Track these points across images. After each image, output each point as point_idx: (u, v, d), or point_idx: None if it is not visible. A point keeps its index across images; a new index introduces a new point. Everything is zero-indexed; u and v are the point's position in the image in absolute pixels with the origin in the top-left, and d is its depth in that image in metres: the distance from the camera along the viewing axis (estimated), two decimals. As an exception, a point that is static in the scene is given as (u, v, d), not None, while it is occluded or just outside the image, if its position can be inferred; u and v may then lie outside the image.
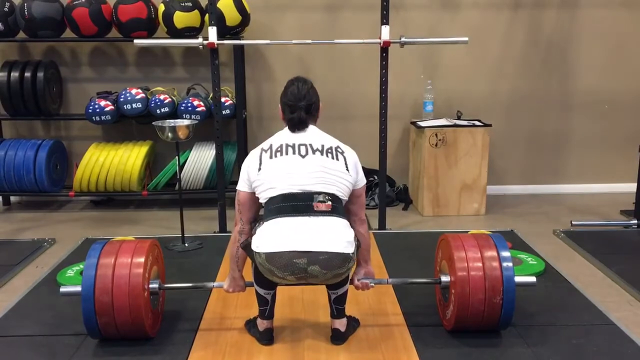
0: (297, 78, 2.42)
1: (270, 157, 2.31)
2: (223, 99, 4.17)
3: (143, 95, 4.21)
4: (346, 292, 2.40)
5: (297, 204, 2.21)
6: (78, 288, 2.36)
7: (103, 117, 4.16)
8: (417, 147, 4.42)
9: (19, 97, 4.18)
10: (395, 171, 4.74)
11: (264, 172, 2.28)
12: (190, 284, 2.67)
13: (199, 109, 4.17)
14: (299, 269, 2.13)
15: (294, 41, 3.70)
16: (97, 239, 3.72)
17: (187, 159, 4.31)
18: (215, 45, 3.62)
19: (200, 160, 4.33)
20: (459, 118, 4.48)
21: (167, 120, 3.52)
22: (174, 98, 4.27)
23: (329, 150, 2.33)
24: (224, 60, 4.48)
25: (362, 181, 2.42)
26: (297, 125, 2.36)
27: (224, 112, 4.12)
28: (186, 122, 3.54)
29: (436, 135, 4.19)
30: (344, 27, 4.51)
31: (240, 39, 4.25)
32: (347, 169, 2.32)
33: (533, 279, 2.42)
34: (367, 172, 4.57)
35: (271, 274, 2.19)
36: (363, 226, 2.43)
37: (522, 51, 4.66)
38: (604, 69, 4.69)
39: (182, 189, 3.80)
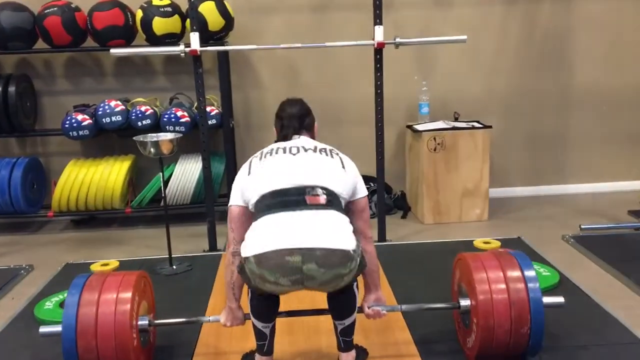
0: (290, 98, 2.38)
1: (260, 159, 2.17)
2: (208, 108, 3.93)
3: (123, 107, 3.96)
4: (354, 322, 2.17)
5: (288, 198, 2.01)
6: (58, 328, 2.12)
7: (81, 132, 3.91)
8: (415, 151, 4.21)
9: (-10, 113, 3.91)
10: (392, 177, 4.52)
11: (254, 174, 2.12)
12: (183, 320, 2.42)
13: (182, 120, 3.93)
14: (293, 269, 1.89)
15: (281, 45, 3.47)
16: (78, 263, 3.51)
17: (172, 173, 4.07)
18: (198, 53, 3.38)
19: (186, 173, 4.09)
20: (456, 120, 4.28)
21: (149, 135, 3.28)
22: (156, 109, 4.03)
23: (323, 150, 2.18)
24: (208, 67, 4.24)
25: (363, 191, 2.21)
26: (289, 135, 2.25)
27: (209, 122, 3.89)
28: (169, 135, 3.29)
29: (434, 139, 3.99)
30: (334, 28, 4.29)
31: (224, 44, 4.02)
32: (344, 168, 2.14)
33: (561, 299, 2.21)
34: (364, 179, 4.42)
35: (262, 281, 1.95)
36: (370, 245, 2.22)
37: (518, 47, 4.46)
38: (603, 63, 4.50)
39: (167, 205, 3.56)
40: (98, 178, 4.01)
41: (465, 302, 2.25)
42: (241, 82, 4.37)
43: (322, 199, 2.01)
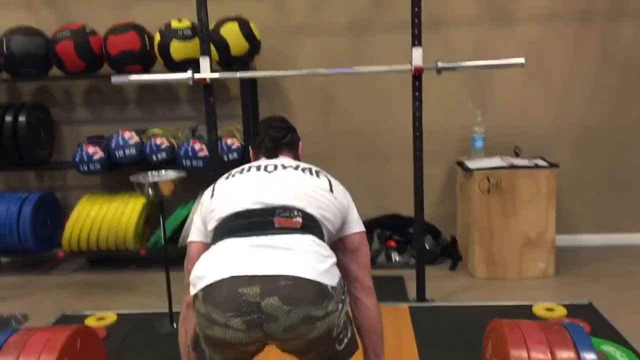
0: (271, 115, 2.05)
1: (227, 179, 1.73)
2: (229, 141, 3.53)
3: (137, 139, 3.61)
4: None
5: (252, 220, 1.55)
6: None
7: (91, 167, 3.58)
8: (465, 192, 3.62)
9: (-2, 145, 3.65)
10: (441, 219, 3.94)
11: (217, 196, 1.68)
12: None
13: (200, 154, 3.53)
14: (249, 305, 1.40)
15: (303, 71, 3.01)
16: (75, 315, 3.14)
17: (189, 212, 3.66)
18: (208, 81, 2.97)
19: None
20: (517, 155, 3.66)
21: (150, 173, 2.89)
22: (173, 141, 3.65)
23: (307, 169, 1.73)
24: (235, 95, 3.84)
25: (358, 225, 1.76)
26: (267, 148, 1.85)
27: (229, 156, 3.49)
28: (172, 175, 2.88)
29: (488, 179, 3.39)
30: (374, 50, 3.79)
31: (251, 69, 3.60)
32: (332, 191, 1.68)
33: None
34: (407, 221, 3.91)
35: (210, 327, 1.43)
36: (370, 298, 1.74)
37: (594, 71, 3.80)
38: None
39: (181, 248, 3.14)
40: (110, 216, 3.67)
41: None
42: (270, 109, 3.89)
43: (296, 222, 1.55)
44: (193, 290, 1.51)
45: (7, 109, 3.66)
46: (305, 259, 1.48)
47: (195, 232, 1.74)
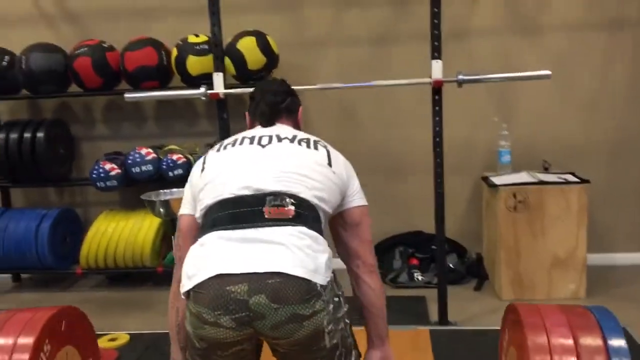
0: (269, 79, 1.89)
1: (218, 151, 1.63)
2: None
3: (154, 155, 3.56)
4: None
5: (240, 211, 1.46)
6: None
7: (108, 183, 3.54)
8: (491, 209, 3.48)
9: (17, 161, 3.63)
10: (467, 237, 3.80)
11: (207, 173, 1.58)
12: None
13: (217, 170, 3.46)
14: (236, 302, 1.37)
15: (317, 86, 2.90)
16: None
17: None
18: (221, 96, 2.91)
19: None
20: (546, 170, 3.51)
21: (162, 192, 2.84)
22: (190, 157, 3.60)
23: (304, 140, 1.62)
24: (254, 110, 3.77)
25: (359, 198, 1.65)
26: (263, 114, 1.74)
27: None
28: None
29: (514, 195, 3.24)
30: (394, 62, 3.69)
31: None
32: (330, 164, 1.58)
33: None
34: (430, 238, 3.77)
35: (202, 327, 1.42)
36: (371, 276, 1.64)
37: (626, 84, 3.62)
38: None
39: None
40: (127, 233, 3.63)
41: None
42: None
43: (289, 211, 1.46)
44: (183, 289, 1.48)
45: (27, 126, 3.66)
46: (295, 255, 1.41)
47: (185, 205, 1.68)
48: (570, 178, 3.32)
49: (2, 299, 3.79)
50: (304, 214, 1.48)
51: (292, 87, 1.89)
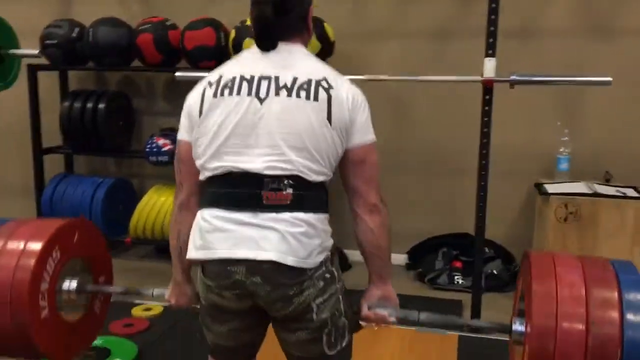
0: None
1: (215, 96, 1.52)
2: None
3: (206, 133, 3.62)
4: None
5: (239, 192, 1.48)
6: None
7: (160, 158, 3.65)
8: (542, 217, 3.32)
9: (80, 129, 3.80)
10: (516, 244, 3.65)
11: (204, 123, 1.52)
12: (122, 289, 2.07)
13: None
14: (235, 281, 1.50)
15: (364, 76, 2.83)
16: (123, 302, 3.19)
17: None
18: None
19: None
20: (607, 181, 3.31)
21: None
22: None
23: (304, 87, 1.48)
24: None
25: (365, 135, 1.53)
26: (262, 35, 1.53)
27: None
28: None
29: (566, 206, 3.08)
30: (455, 58, 3.55)
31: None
32: (330, 120, 1.47)
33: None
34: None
35: (209, 295, 1.57)
36: (371, 216, 1.55)
37: None
38: None
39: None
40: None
41: (520, 327, 1.52)
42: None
43: (287, 195, 1.47)
44: (190, 255, 1.57)
45: (90, 96, 3.81)
46: (289, 245, 1.46)
47: (182, 130, 1.62)
48: (630, 192, 3.12)
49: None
50: (303, 194, 1.47)
51: None
